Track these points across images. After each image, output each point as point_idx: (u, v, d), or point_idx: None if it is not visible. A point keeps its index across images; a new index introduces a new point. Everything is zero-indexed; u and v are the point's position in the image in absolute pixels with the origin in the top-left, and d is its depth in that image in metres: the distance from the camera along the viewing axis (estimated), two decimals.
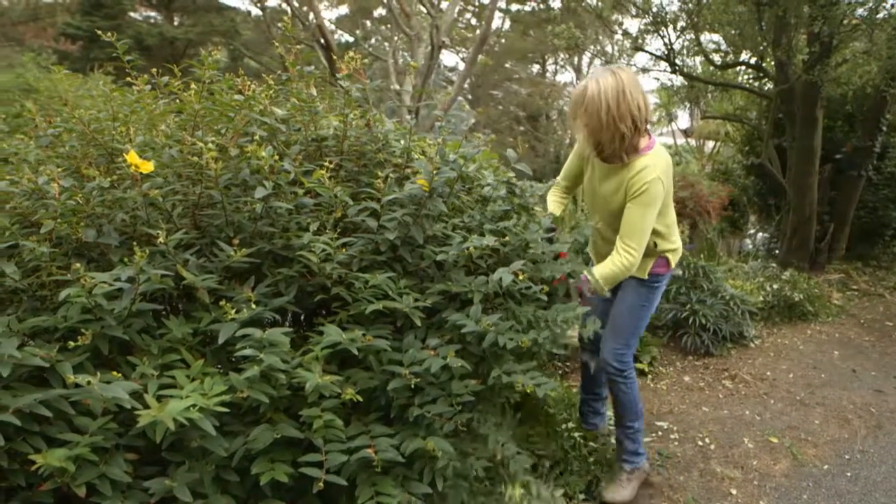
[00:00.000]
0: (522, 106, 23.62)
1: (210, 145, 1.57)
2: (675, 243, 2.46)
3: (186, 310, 1.54)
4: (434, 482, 1.56)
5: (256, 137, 1.81)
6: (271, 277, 1.62)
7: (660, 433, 3.26)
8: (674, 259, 2.48)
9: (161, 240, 1.40)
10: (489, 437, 1.78)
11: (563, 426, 2.84)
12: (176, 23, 18.85)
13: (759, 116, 7.51)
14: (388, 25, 19.49)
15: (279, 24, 18.28)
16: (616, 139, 2.13)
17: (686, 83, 7.71)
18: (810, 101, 6.20)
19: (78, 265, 1.29)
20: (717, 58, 6.96)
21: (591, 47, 18.22)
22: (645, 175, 2.16)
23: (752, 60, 6.71)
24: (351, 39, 20.65)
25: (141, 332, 1.42)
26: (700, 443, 3.16)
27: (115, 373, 1.27)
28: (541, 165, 21.50)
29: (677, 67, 6.31)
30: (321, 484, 1.33)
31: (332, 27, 18.01)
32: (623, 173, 2.22)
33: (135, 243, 1.39)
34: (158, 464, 1.38)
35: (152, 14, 19.99)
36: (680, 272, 4.56)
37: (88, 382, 1.15)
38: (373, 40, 21.62)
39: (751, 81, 7.51)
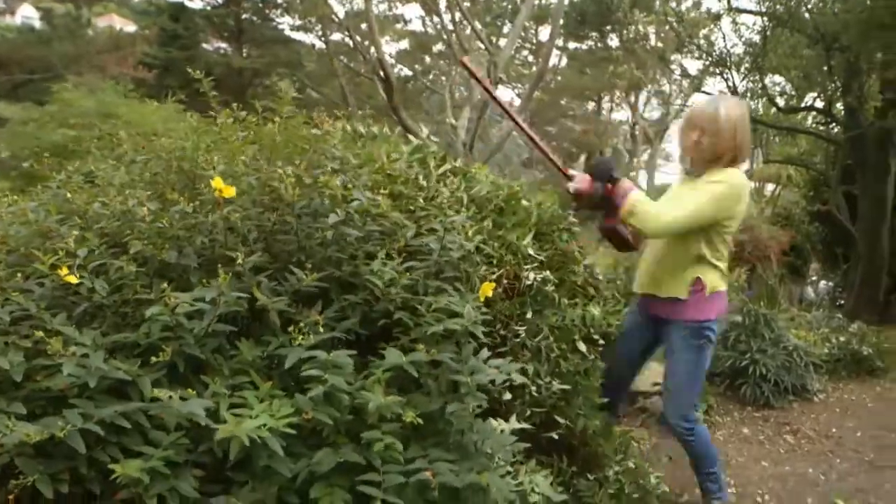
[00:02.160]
0: (577, 143, 23.60)
1: (289, 174, 1.64)
2: (718, 278, 2.34)
3: (256, 333, 1.59)
4: None
5: (328, 168, 1.89)
6: (338, 303, 1.66)
7: None
8: (719, 302, 2.37)
9: (239, 261, 1.45)
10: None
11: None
12: (244, 54, 19.77)
13: (825, 162, 7.29)
14: (447, 60, 19.94)
15: (342, 57, 18.97)
16: (716, 155, 2.24)
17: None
18: (883, 149, 5.99)
19: (164, 285, 1.35)
20: (781, 101, 6.82)
21: (650, 87, 18.14)
22: (722, 178, 2.22)
23: (820, 105, 6.55)
24: (410, 73, 21.20)
25: (214, 353, 1.48)
26: (759, 500, 3.01)
27: (189, 390, 1.31)
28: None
29: None
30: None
31: (393, 61, 18.56)
32: (698, 180, 2.31)
33: (219, 265, 1.46)
34: (223, 482, 1.42)
35: (223, 45, 21.07)
36: (739, 318, 4.42)
37: (170, 397, 1.20)
38: (431, 75, 22.12)
39: (817, 126, 7.32)
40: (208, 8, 19.77)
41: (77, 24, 17.95)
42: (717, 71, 5.97)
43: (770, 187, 16.03)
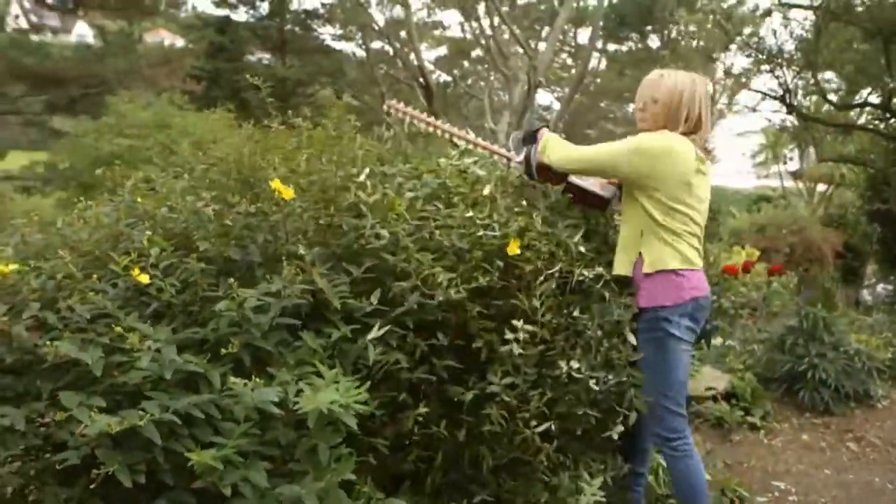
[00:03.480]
0: None
1: (348, 176, 1.67)
2: (670, 255, 2.00)
3: (317, 327, 1.62)
4: None
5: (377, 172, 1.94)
6: (392, 291, 1.68)
7: (776, 494, 3.02)
8: (676, 285, 2.00)
9: (302, 251, 1.48)
10: None
11: None
12: (287, 64, 20.20)
13: (885, 159, 7.01)
14: (486, 65, 19.99)
15: (381, 65, 19.22)
16: (657, 125, 2.07)
17: (799, 123, 7.35)
18: None
19: (231, 280, 1.39)
20: (834, 97, 6.59)
21: None
22: (645, 135, 2.06)
23: (877, 100, 6.31)
24: (448, 79, 21.31)
25: (278, 345, 1.51)
26: None
27: (257, 379, 1.34)
28: None
29: (794, 107, 6.03)
30: None
31: (432, 67, 18.70)
32: None
33: (282, 260, 1.49)
34: (286, 475, 1.45)
35: (266, 56, 21.58)
36: (795, 322, 4.26)
37: (245, 384, 1.23)
38: (469, 80, 22.18)
39: (875, 122, 7.05)
40: (253, 20, 20.29)
41: (129, 40, 18.67)
42: (768, 68, 5.81)
43: (821, 188, 15.50)
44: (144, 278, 1.59)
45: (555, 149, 2.09)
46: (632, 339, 2.17)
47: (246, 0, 20.00)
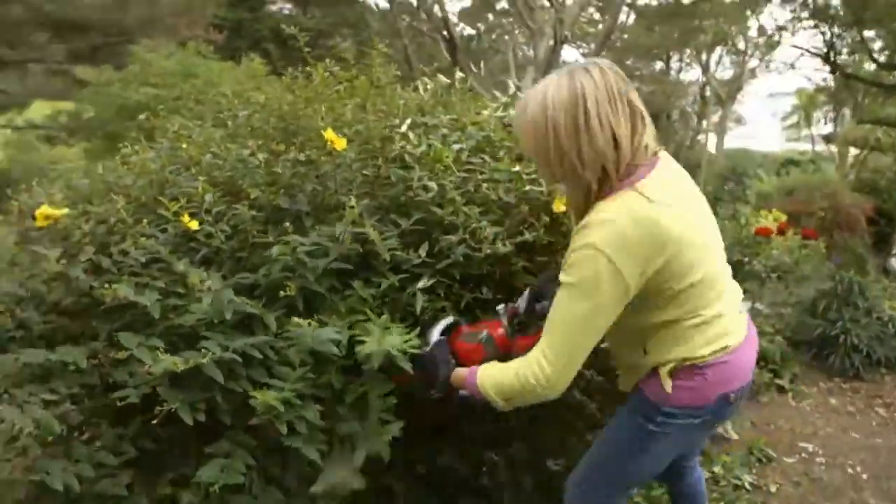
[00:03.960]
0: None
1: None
2: (699, 348, 1.33)
3: (366, 276, 1.63)
4: None
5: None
6: (439, 244, 1.67)
7: (804, 455, 3.04)
8: (714, 384, 1.34)
9: (352, 204, 1.48)
10: None
11: None
12: (309, 15, 19.84)
13: None
14: (511, 19, 19.47)
15: (405, 16, 18.79)
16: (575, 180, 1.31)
17: (839, 83, 7.10)
18: None
19: (287, 224, 1.39)
20: (880, 57, 6.33)
21: (724, 45, 17.20)
22: (580, 237, 1.26)
23: None
24: (473, 32, 20.83)
25: (329, 292, 1.52)
26: (850, 471, 2.91)
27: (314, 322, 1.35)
28: None
29: (837, 66, 5.81)
30: None
31: (456, 20, 18.27)
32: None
33: (331, 210, 1.49)
34: (336, 417, 1.48)
35: (288, 6, 21.20)
36: (828, 285, 4.21)
37: (309, 324, 1.25)
38: (494, 34, 21.67)
39: None
40: None
41: None
42: (812, 24, 5.59)
43: (854, 152, 15.08)
44: (194, 224, 1.60)
45: (504, 387, 1.34)
46: None
47: None
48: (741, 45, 18.35)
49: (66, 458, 1.35)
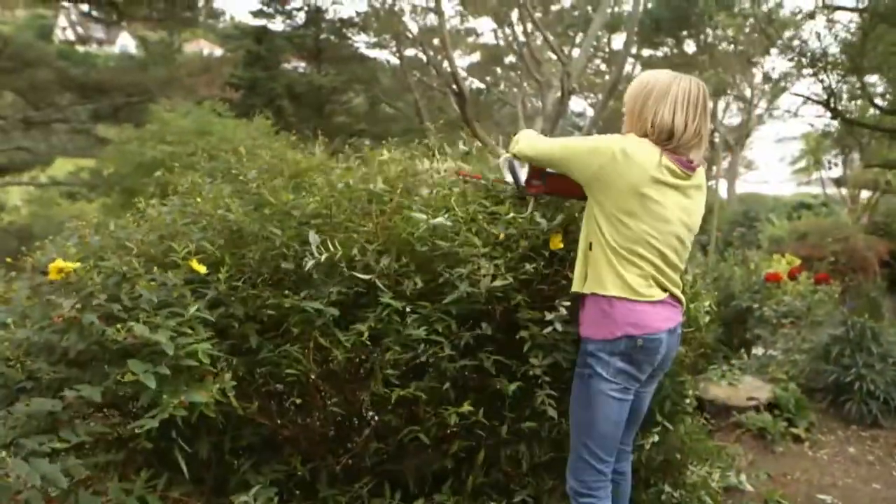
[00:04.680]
0: None
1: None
2: (613, 280, 1.67)
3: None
4: None
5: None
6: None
7: None
8: (612, 319, 1.66)
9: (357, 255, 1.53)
10: None
11: None
12: (322, 72, 20.52)
13: None
14: (519, 72, 19.97)
15: (415, 72, 19.36)
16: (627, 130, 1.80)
17: (843, 128, 7.16)
18: None
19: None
20: (880, 101, 6.41)
21: (730, 92, 17.50)
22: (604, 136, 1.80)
23: None
24: (482, 85, 21.35)
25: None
26: None
27: None
28: None
29: (838, 112, 5.89)
30: None
31: (465, 74, 18.78)
32: None
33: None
34: None
35: (302, 64, 21.95)
36: (840, 331, 4.15)
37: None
38: (502, 86, 22.19)
39: None
40: (289, 30, 20.66)
41: (169, 50, 19.21)
42: (811, 72, 5.69)
43: (865, 194, 15.04)
44: (202, 268, 1.66)
45: (523, 140, 1.91)
46: None
47: (282, 10, 20.38)
48: (747, 93, 18.64)
49: None
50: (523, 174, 1.94)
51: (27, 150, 18.59)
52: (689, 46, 19.12)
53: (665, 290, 1.71)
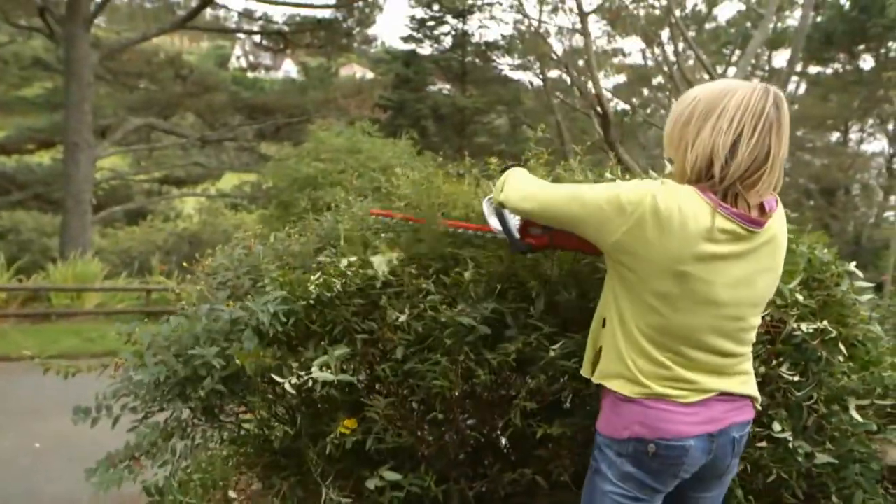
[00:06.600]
0: (815, 178, 20.91)
1: None
2: (630, 374, 1.27)
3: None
4: None
5: None
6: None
7: None
8: (623, 417, 1.28)
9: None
10: None
11: None
12: (467, 94, 21.09)
13: None
14: (667, 92, 19.14)
15: (558, 93, 19.25)
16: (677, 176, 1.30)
17: None
18: None
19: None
20: None
21: None
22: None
23: None
24: (626, 107, 20.74)
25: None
26: None
27: None
28: (835, 247, 18.64)
29: None
30: None
31: (609, 95, 18.33)
32: None
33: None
34: None
35: (447, 86, 22.71)
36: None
37: None
38: (649, 108, 21.40)
39: None
40: (436, 53, 21.49)
41: (326, 74, 20.79)
42: None
43: None
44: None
45: (512, 184, 1.40)
46: (855, 413, 1.85)
47: (431, 35, 21.24)
48: None
49: None
50: (516, 221, 1.50)
51: (202, 166, 21.03)
52: (866, 62, 17.25)
53: (707, 390, 1.27)
